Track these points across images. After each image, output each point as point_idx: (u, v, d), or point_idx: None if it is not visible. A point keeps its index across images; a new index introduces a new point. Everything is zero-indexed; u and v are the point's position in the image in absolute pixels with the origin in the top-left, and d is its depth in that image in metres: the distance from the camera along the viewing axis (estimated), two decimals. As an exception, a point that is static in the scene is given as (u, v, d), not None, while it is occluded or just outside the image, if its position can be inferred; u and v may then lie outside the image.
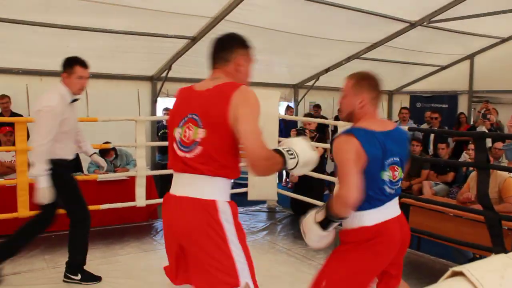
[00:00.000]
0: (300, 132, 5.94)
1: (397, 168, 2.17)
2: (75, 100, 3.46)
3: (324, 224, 2.05)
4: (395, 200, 2.24)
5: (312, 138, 5.73)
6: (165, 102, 8.03)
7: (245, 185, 5.61)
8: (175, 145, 2.03)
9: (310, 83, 8.89)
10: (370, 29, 6.95)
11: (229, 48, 2.18)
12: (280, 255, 4.22)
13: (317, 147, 5.57)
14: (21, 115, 6.04)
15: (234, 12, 5.66)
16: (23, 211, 4.25)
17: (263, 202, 6.05)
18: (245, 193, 5.52)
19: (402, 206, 2.93)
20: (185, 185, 1.98)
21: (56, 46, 5.97)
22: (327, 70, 8.48)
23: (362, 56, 7.94)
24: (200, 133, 1.94)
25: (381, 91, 2.29)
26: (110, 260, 3.91)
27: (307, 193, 5.34)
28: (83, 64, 3.41)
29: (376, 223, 2.11)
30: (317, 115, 8.65)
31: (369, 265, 2.14)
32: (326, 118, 8.37)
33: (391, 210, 2.19)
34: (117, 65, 6.82)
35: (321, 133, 7.59)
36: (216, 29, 6.01)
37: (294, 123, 7.67)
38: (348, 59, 8.06)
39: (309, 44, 7.20)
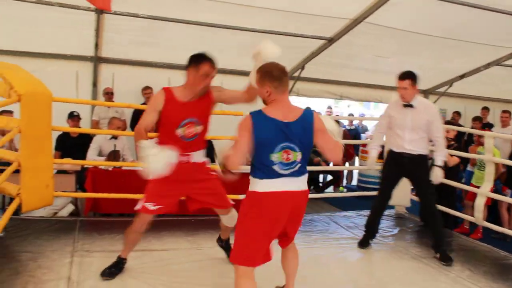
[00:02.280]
0: None
1: (291, 152, 2.60)
2: None
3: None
4: (296, 178, 2.65)
5: (448, 147, 5.51)
6: (296, 101, 8.17)
7: (372, 189, 5.57)
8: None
9: (442, 89, 8.53)
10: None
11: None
12: (415, 262, 4.14)
13: (452, 156, 5.38)
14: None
15: (374, 14, 5.63)
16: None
17: (391, 207, 5.94)
18: (374, 197, 5.48)
19: None
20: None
21: (198, 42, 6.38)
22: (462, 77, 8.08)
23: (503, 62, 7.45)
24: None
25: (283, 79, 2.64)
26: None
27: (439, 201, 5.16)
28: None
29: (265, 191, 2.59)
30: (456, 123, 8.24)
31: (257, 223, 2.62)
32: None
33: (285, 184, 2.61)
34: (251, 62, 7.08)
35: (458, 142, 7.24)
36: (354, 31, 6.05)
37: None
38: (488, 65, 7.61)
39: (445, 47, 6.93)
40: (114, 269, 3.41)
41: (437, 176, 4.13)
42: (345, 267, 3.97)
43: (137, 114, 6.50)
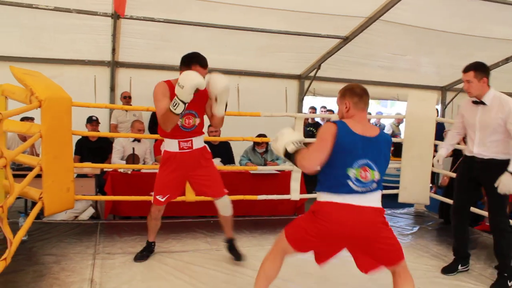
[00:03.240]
0: None
1: (369, 170, 2.49)
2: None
3: (287, 153, 2.61)
4: (368, 195, 2.51)
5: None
6: (312, 101, 8.18)
7: (393, 187, 5.53)
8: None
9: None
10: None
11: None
12: (436, 260, 4.10)
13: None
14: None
15: (389, 12, 5.60)
16: (190, 195, 4.65)
17: (410, 205, 5.90)
18: (394, 195, 5.45)
19: None
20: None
21: (214, 44, 6.44)
22: (480, 72, 7.97)
23: (523, 57, 7.33)
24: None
25: (363, 97, 2.64)
26: (265, 248, 4.10)
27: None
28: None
29: (327, 202, 2.50)
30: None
31: (311, 232, 2.52)
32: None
33: (353, 201, 2.47)
34: (268, 63, 7.12)
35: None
36: (370, 29, 6.02)
37: (441, 126, 7.34)
38: (507, 60, 7.50)
39: (463, 43, 6.83)
40: (146, 252, 3.80)
41: (504, 184, 3.35)
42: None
43: (155, 117, 6.55)
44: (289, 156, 2.61)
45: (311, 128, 7.95)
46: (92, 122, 5.87)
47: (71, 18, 5.54)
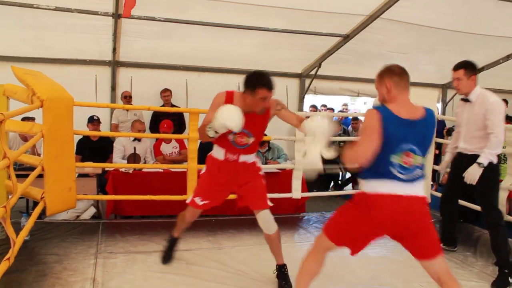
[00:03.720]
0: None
1: (412, 156, 2.40)
2: None
3: (326, 160, 2.58)
4: (412, 183, 2.42)
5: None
6: (312, 99, 8.18)
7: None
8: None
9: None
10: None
11: None
12: (438, 258, 4.11)
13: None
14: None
15: (390, 10, 5.60)
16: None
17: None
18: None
19: None
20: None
21: (214, 43, 6.45)
22: (481, 70, 7.96)
23: (524, 54, 7.34)
24: None
25: (403, 76, 2.49)
26: (267, 247, 4.09)
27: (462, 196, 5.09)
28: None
29: (373, 193, 2.42)
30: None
31: (358, 223, 2.47)
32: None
33: (399, 188, 2.38)
34: (269, 62, 7.12)
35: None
36: (371, 27, 6.02)
37: (441, 124, 7.34)
38: (507, 58, 7.50)
39: (463, 41, 6.83)
40: (171, 252, 3.71)
41: (470, 174, 3.56)
42: (367, 264, 3.95)
43: (156, 117, 6.58)
44: (335, 160, 2.55)
45: (312, 127, 7.93)
46: (93, 121, 5.87)
47: (72, 18, 5.55)
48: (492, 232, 3.68)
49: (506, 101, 8.38)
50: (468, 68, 3.65)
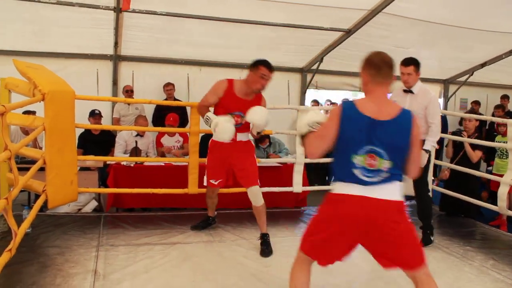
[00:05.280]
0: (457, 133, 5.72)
1: (376, 158, 2.23)
2: None
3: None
4: (379, 186, 2.25)
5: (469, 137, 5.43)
6: (314, 94, 8.17)
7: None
8: None
9: (463, 79, 8.42)
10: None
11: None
12: (438, 252, 4.12)
13: (474, 150, 5.30)
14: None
15: (392, 5, 5.58)
16: (193, 188, 4.68)
17: (412, 197, 5.90)
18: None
19: None
20: None
21: (216, 37, 6.44)
22: (483, 65, 7.95)
23: (526, 49, 7.30)
24: None
25: (382, 69, 2.33)
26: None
27: (460, 191, 5.12)
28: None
29: (339, 193, 2.31)
30: (475, 113, 8.07)
31: (324, 226, 2.35)
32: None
33: (363, 190, 2.25)
34: (270, 56, 7.06)
35: (479, 133, 7.13)
36: (373, 21, 6.01)
37: (443, 119, 7.32)
38: (510, 53, 7.46)
39: (465, 36, 6.79)
40: (201, 223, 4.44)
41: None
42: (367, 257, 3.94)
43: (159, 111, 6.59)
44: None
45: (313, 121, 7.92)
46: (95, 115, 5.88)
47: (74, 12, 5.53)
48: (420, 201, 4.34)
49: (507, 97, 8.39)
50: (417, 65, 4.13)
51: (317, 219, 2.45)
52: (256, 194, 3.92)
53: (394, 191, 2.28)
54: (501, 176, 4.93)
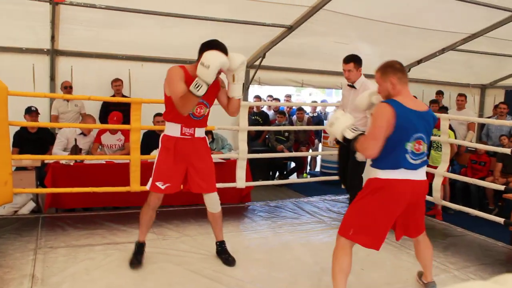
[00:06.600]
0: None
1: (422, 143, 2.72)
2: None
3: (346, 139, 2.85)
4: (421, 169, 2.77)
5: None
6: (257, 90, 8.19)
7: (335, 174, 5.68)
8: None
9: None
10: (471, 19, 6.70)
11: None
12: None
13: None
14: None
15: (332, 2, 5.69)
16: (135, 185, 4.60)
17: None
18: (336, 181, 5.57)
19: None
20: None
21: (157, 33, 6.34)
22: (419, 62, 8.29)
23: (457, 47, 7.66)
24: None
25: (404, 72, 2.79)
26: (212, 237, 4.12)
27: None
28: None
29: (387, 178, 2.69)
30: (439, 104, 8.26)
31: (380, 209, 2.71)
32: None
33: (410, 174, 2.71)
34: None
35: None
36: (314, 18, 6.10)
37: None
38: (443, 51, 7.82)
39: (402, 34, 7.05)
40: (139, 256, 3.55)
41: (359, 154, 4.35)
42: (311, 250, 4.05)
43: (106, 107, 6.41)
44: (348, 141, 2.83)
45: (256, 117, 7.98)
46: (31, 112, 5.64)
47: (6, 4, 5.27)
48: (352, 192, 4.53)
49: (441, 93, 8.79)
50: (357, 61, 4.39)
51: (371, 209, 2.73)
52: (216, 201, 3.57)
53: (425, 172, 2.84)
54: (435, 168, 5.18)
